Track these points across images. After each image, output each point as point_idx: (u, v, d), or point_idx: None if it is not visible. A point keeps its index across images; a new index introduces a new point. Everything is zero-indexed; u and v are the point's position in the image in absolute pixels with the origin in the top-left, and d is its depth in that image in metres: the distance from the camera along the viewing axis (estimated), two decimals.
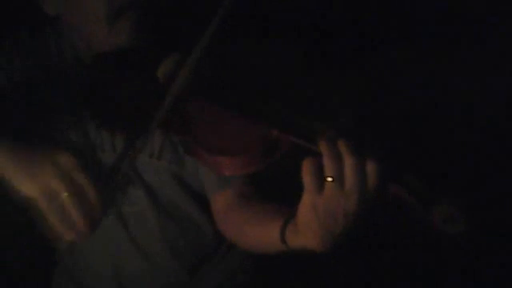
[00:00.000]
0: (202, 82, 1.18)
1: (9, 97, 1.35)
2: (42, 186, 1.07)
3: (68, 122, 1.37)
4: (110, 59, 1.29)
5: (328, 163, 0.97)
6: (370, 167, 0.98)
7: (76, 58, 1.38)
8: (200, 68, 1.16)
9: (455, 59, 1.81)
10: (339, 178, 0.97)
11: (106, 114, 1.24)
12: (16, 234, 1.59)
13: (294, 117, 1.07)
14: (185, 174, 1.39)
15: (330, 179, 0.97)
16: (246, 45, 1.29)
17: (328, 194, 0.98)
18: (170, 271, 1.45)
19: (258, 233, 1.21)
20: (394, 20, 1.83)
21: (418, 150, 1.58)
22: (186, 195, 1.41)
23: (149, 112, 1.16)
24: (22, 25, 1.45)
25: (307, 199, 0.99)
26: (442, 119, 1.80)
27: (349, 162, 0.97)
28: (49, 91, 1.36)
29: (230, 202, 1.32)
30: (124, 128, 1.25)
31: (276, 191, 1.29)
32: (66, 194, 1.08)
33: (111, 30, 1.28)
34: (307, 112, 1.08)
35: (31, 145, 1.14)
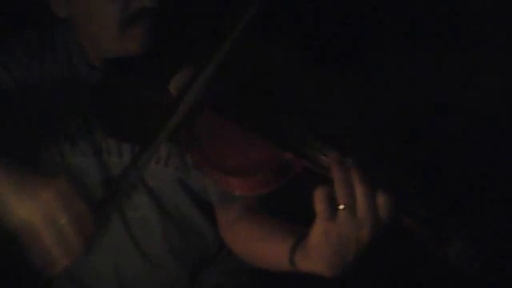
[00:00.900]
0: (213, 96, 1.16)
1: (14, 96, 1.34)
2: (41, 210, 1.04)
3: (73, 125, 1.36)
4: (120, 66, 1.27)
5: (340, 191, 0.98)
6: (382, 198, 0.98)
7: (84, 61, 1.37)
8: (213, 82, 1.15)
9: (455, 59, 1.81)
10: (351, 207, 0.97)
11: (113, 122, 1.22)
12: (16, 233, 1.58)
13: (307, 140, 1.06)
14: (190, 180, 1.38)
15: (341, 207, 0.98)
16: (246, 48, 1.27)
17: (341, 222, 0.98)
18: (171, 272, 1.45)
19: (265, 250, 1.21)
20: (394, 20, 1.82)
21: (419, 158, 1.59)
22: (189, 200, 1.40)
23: (157, 124, 1.13)
24: (31, 25, 1.43)
25: (320, 225, 1.00)
26: (443, 120, 1.80)
27: (360, 191, 0.97)
28: (55, 92, 1.35)
29: (236, 215, 1.31)
30: (131, 138, 1.24)
31: (287, 207, 1.28)
32: (64, 220, 1.04)
33: (122, 36, 1.25)
34: (320, 133, 1.07)
35: (32, 163, 1.12)
